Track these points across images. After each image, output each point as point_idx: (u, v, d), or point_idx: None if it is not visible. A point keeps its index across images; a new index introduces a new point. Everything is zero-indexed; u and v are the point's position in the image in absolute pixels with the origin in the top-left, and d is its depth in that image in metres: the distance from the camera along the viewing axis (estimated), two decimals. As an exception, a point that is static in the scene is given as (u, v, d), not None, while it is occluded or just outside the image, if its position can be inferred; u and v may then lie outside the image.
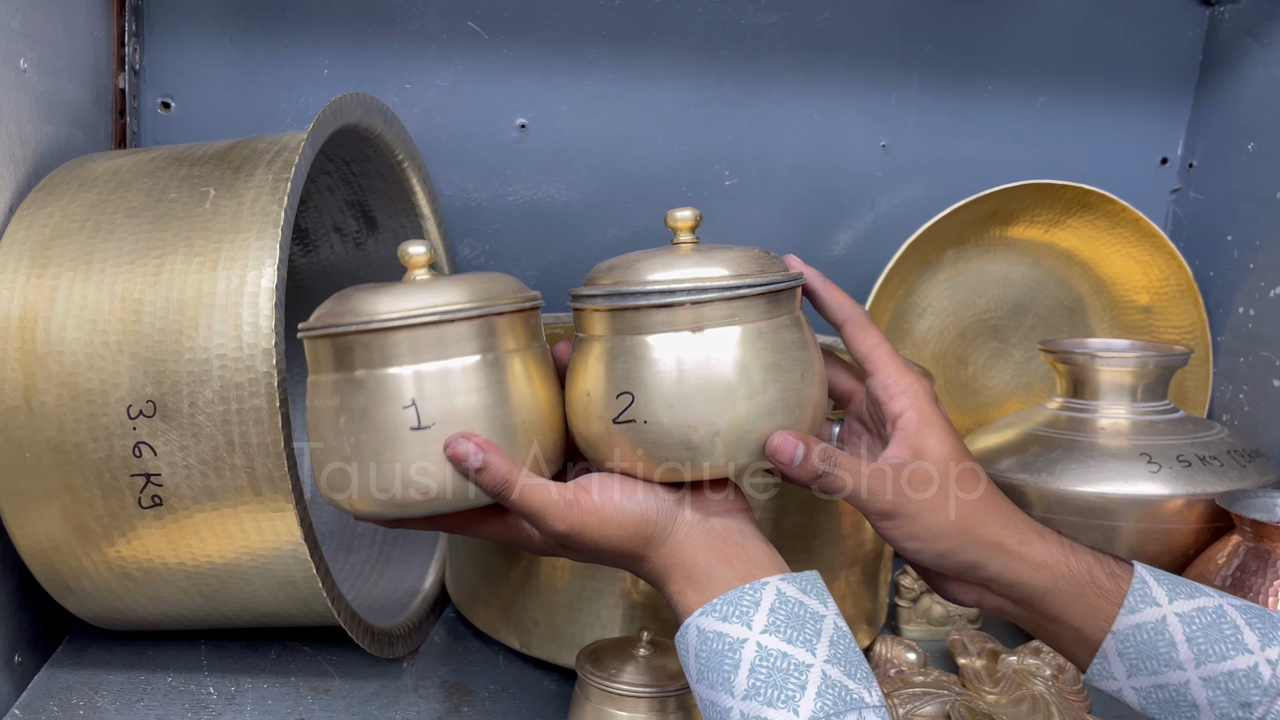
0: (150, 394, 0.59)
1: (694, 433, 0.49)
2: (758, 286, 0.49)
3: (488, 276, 0.53)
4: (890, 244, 0.99)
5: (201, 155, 0.67)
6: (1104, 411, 0.86)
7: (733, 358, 0.49)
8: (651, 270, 0.50)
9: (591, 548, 0.51)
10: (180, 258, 0.61)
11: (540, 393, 0.52)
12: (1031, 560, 0.52)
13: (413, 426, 0.49)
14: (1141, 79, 1.04)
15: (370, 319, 0.49)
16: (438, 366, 0.49)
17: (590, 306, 0.51)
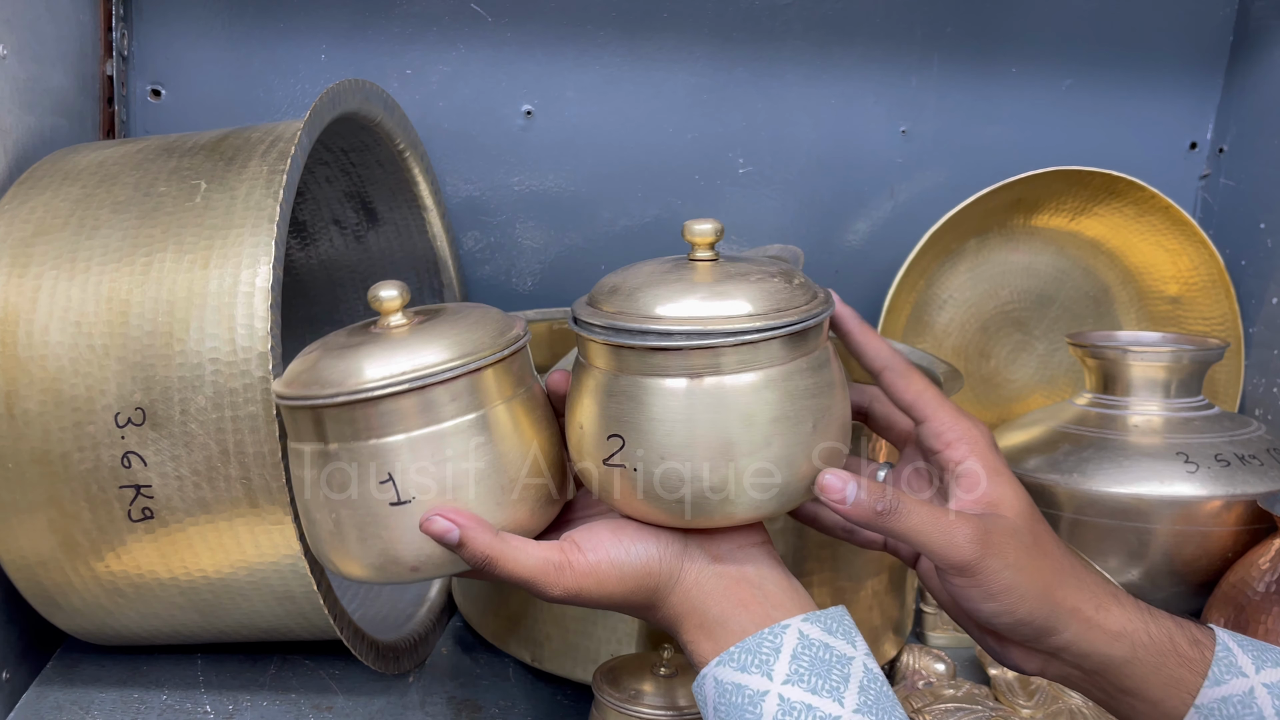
0: (139, 401, 0.56)
1: (691, 485, 0.44)
2: (773, 330, 0.43)
3: (468, 319, 0.48)
4: (910, 233, 0.96)
5: (192, 146, 0.63)
6: (1136, 408, 0.83)
7: (736, 411, 0.43)
8: (656, 302, 0.44)
9: (594, 604, 0.47)
10: (170, 255, 0.57)
11: (534, 440, 0.48)
12: (1109, 628, 0.47)
13: (392, 502, 0.45)
14: (1170, 61, 1.00)
15: (338, 390, 0.45)
16: (416, 436, 0.45)
17: (588, 336, 0.46)
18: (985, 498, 0.47)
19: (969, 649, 0.77)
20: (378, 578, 0.47)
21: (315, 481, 0.47)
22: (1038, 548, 0.47)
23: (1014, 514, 0.47)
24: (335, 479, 0.46)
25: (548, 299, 0.95)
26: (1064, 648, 0.47)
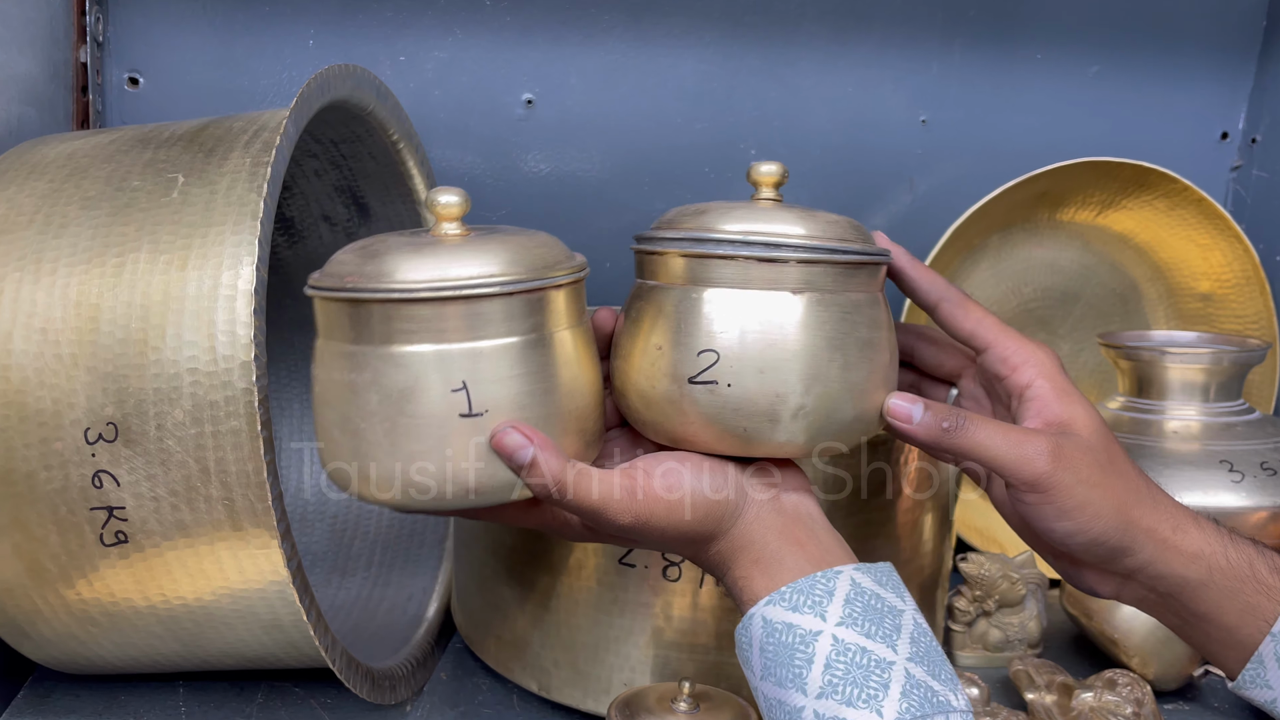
0: (111, 415, 0.51)
1: (781, 403, 0.45)
2: (865, 255, 0.46)
3: (535, 237, 0.47)
4: (930, 227, 0.91)
5: (169, 136, 0.58)
6: (1173, 413, 0.78)
7: (833, 328, 0.45)
8: (750, 220, 0.45)
9: (657, 535, 0.45)
10: (144, 255, 0.53)
11: (587, 375, 0.47)
12: (1186, 550, 0.46)
13: (463, 413, 0.43)
14: (1200, 47, 0.96)
15: (413, 285, 0.42)
16: (494, 345, 0.43)
17: (674, 250, 0.46)
18: (1057, 418, 0.47)
19: (999, 669, 0.72)
20: (419, 502, 0.44)
21: (364, 386, 0.43)
22: (1112, 466, 0.46)
23: (1087, 432, 0.46)
24: (395, 381, 0.43)
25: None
26: (1139, 569, 0.46)
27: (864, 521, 0.59)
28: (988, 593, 0.73)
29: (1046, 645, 0.75)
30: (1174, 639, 0.67)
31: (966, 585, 0.73)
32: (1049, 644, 0.76)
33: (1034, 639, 0.73)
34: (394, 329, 0.43)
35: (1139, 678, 0.66)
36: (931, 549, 0.65)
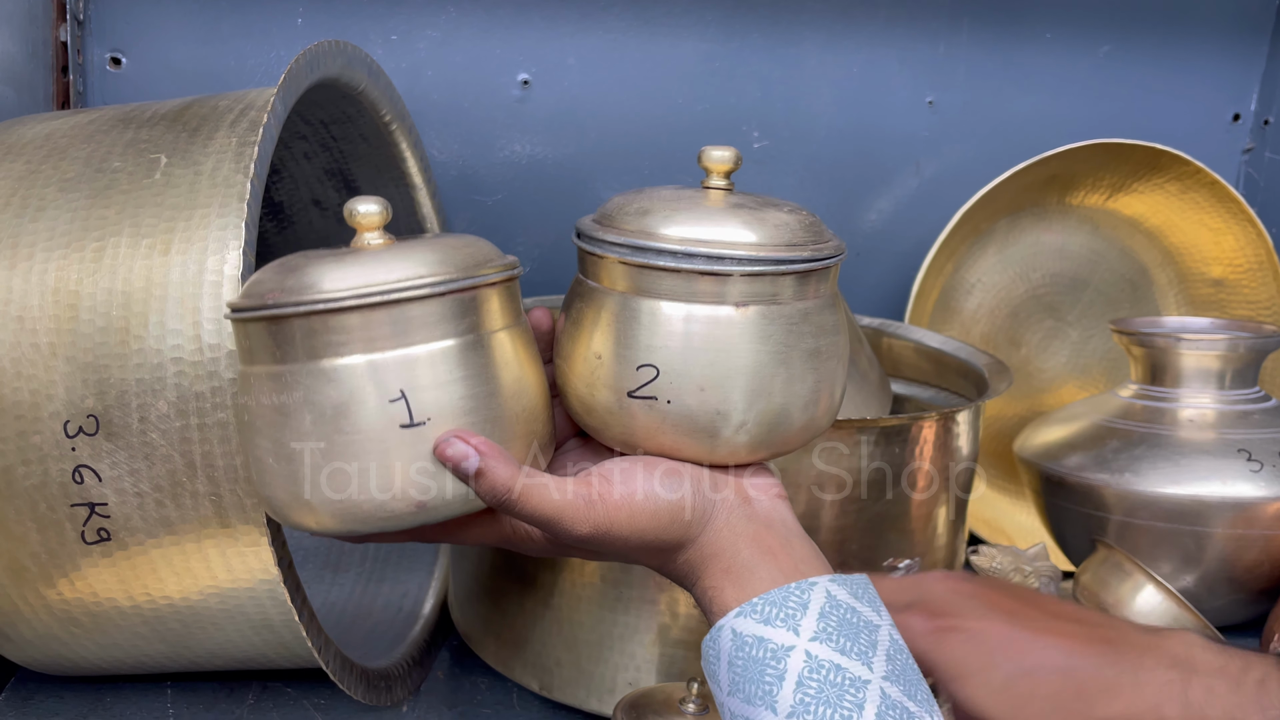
0: (91, 407, 0.49)
1: (722, 420, 0.43)
2: (813, 262, 0.43)
3: (462, 239, 0.44)
4: (936, 211, 0.89)
5: (151, 116, 0.56)
6: (1187, 400, 0.76)
7: (778, 342, 0.42)
8: (693, 225, 0.42)
9: (620, 545, 0.43)
10: (125, 239, 0.50)
11: (531, 376, 0.44)
12: None
13: (404, 424, 0.40)
14: (1212, 27, 0.94)
15: (339, 294, 0.39)
16: (429, 349, 0.41)
17: (613, 257, 0.43)
18: None
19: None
20: (367, 523, 0.41)
21: (294, 407, 0.41)
22: None
23: None
24: (329, 398, 0.40)
25: (546, 285, 0.88)
26: None
27: (877, 515, 0.57)
28: (999, 586, 0.71)
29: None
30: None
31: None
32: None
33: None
34: (321, 342, 0.40)
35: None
36: (945, 543, 0.63)
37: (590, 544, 0.43)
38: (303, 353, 0.40)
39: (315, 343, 0.40)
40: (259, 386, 0.42)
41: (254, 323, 0.41)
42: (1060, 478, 0.76)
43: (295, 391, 0.41)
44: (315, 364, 0.40)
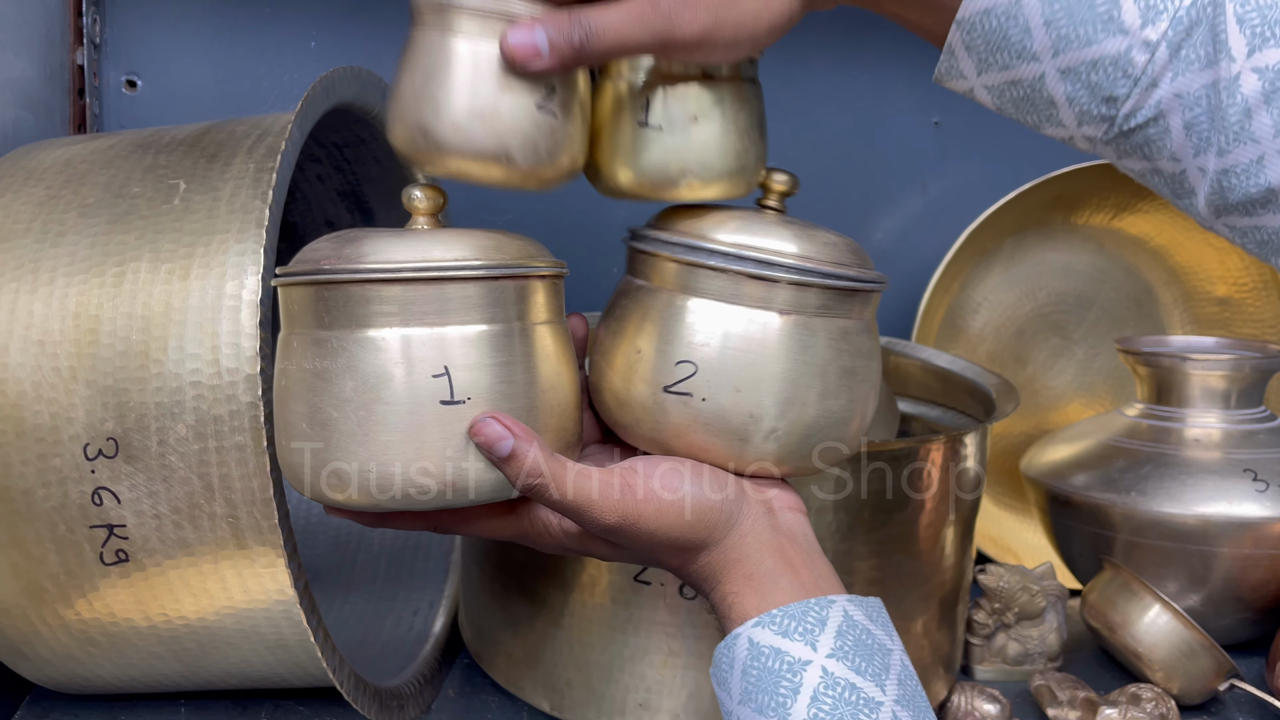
0: (111, 430, 0.50)
1: (753, 423, 0.44)
2: (859, 283, 0.44)
3: (513, 234, 0.45)
4: (942, 232, 0.90)
5: (170, 141, 0.57)
6: (1193, 420, 0.77)
7: (817, 354, 0.44)
8: (746, 233, 0.44)
9: (644, 541, 0.43)
10: (145, 264, 0.51)
11: (567, 373, 0.45)
12: None
13: (444, 400, 0.41)
14: None
15: (397, 265, 0.41)
16: (475, 330, 0.42)
17: (664, 254, 0.45)
18: None
19: (1019, 683, 0.71)
20: (394, 499, 0.41)
21: (336, 372, 0.41)
22: None
23: None
24: (372, 366, 0.41)
25: (556, 304, 0.89)
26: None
27: (886, 537, 0.58)
28: (1007, 605, 0.71)
29: (1067, 658, 0.73)
30: (1199, 652, 0.66)
31: (985, 598, 0.71)
32: (1069, 657, 0.74)
33: (1054, 652, 0.72)
34: (371, 311, 0.41)
35: (1163, 692, 0.65)
36: (953, 562, 0.63)
37: (615, 535, 0.43)
38: (351, 319, 0.41)
39: (365, 310, 0.41)
40: (300, 351, 0.42)
41: (303, 287, 0.42)
42: (1067, 497, 0.76)
43: (339, 358, 0.41)
44: (362, 332, 0.41)
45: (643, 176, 0.46)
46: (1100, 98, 0.40)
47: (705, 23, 0.41)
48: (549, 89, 0.43)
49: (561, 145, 0.44)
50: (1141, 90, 0.39)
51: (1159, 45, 0.39)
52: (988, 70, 0.42)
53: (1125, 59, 0.39)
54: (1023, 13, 0.40)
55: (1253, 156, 0.38)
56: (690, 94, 0.45)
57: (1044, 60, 0.40)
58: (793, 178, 0.48)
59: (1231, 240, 0.42)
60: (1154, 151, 0.41)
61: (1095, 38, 0.39)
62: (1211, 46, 0.39)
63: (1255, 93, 0.38)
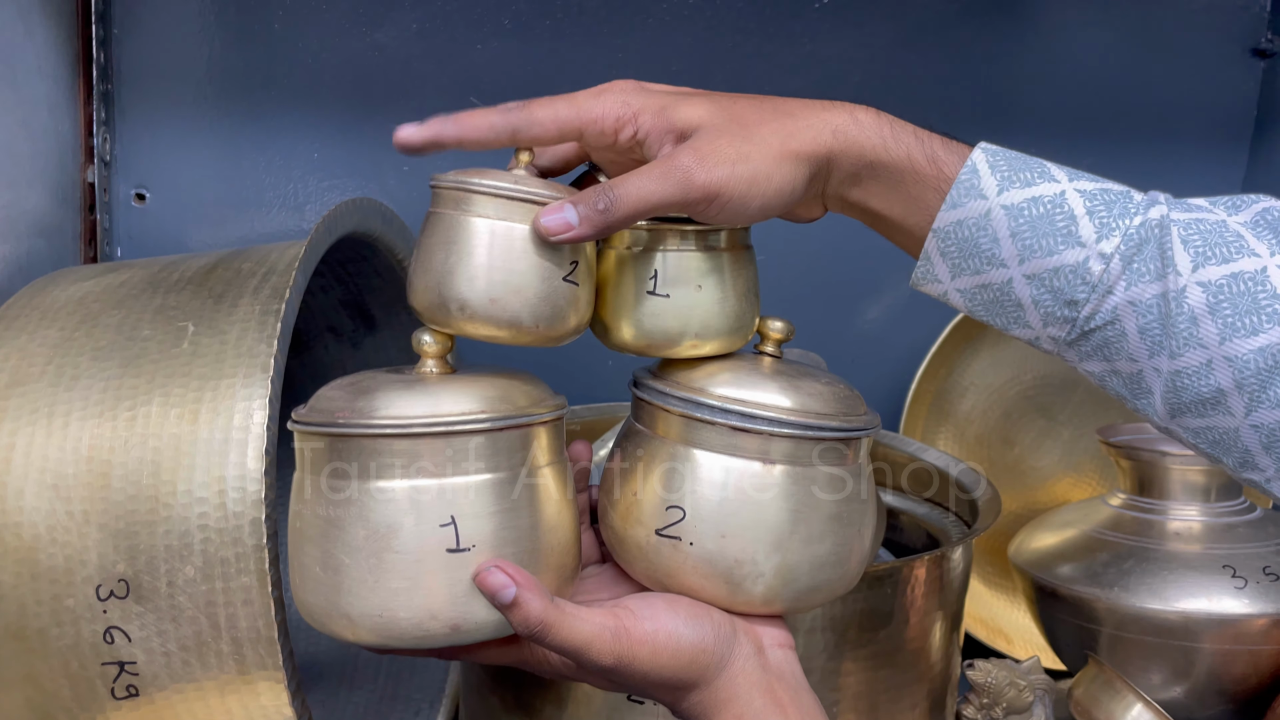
0: (122, 572, 0.52)
1: (738, 568, 0.46)
2: (842, 432, 0.46)
3: (517, 376, 0.48)
4: (928, 318, 0.92)
5: (179, 279, 0.59)
6: (1174, 513, 0.79)
7: (798, 501, 0.46)
8: (737, 387, 0.46)
9: (639, 679, 0.45)
10: (155, 408, 0.53)
11: (567, 512, 0.48)
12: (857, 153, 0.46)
13: (450, 548, 0.43)
14: (1192, 135, 0.97)
15: (407, 421, 0.43)
16: (480, 480, 0.44)
17: (659, 404, 0.47)
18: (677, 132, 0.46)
19: (1009, 778, 0.72)
20: (402, 640, 0.44)
21: (348, 521, 0.44)
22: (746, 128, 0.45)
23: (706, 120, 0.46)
24: (383, 516, 0.43)
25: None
26: (828, 194, 0.47)
27: (874, 653, 0.60)
28: (995, 700, 0.73)
29: (1054, 751, 0.75)
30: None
31: (973, 693, 0.73)
32: (1056, 750, 0.76)
33: (1041, 746, 0.73)
34: (382, 463, 0.44)
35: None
36: (941, 660, 0.65)
37: (611, 675, 0.45)
38: (363, 471, 0.44)
39: (376, 463, 0.44)
40: (314, 496, 0.45)
41: (320, 436, 0.45)
42: (1053, 589, 0.78)
43: (351, 507, 0.44)
44: (374, 483, 0.44)
45: (649, 338, 0.49)
46: (1062, 301, 0.43)
47: (720, 176, 0.44)
48: (573, 261, 0.47)
49: (577, 309, 0.48)
50: (1099, 296, 0.43)
51: (1113, 257, 0.42)
52: (960, 275, 0.45)
53: (1084, 268, 0.43)
54: (992, 224, 0.44)
55: (1202, 360, 0.42)
56: (693, 264, 0.48)
57: (1011, 267, 0.44)
58: (788, 325, 0.50)
59: (1186, 442, 0.45)
60: (1113, 352, 0.44)
61: (1056, 249, 0.43)
62: (1160, 262, 0.42)
63: (1200, 304, 0.42)
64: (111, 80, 0.78)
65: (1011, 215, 0.43)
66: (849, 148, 0.46)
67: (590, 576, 0.52)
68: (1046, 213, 0.43)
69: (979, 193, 0.44)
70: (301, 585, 0.46)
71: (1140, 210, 0.43)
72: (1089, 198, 0.44)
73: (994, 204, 0.44)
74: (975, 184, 0.44)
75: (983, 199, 0.44)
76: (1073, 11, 0.94)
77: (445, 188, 0.47)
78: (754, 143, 0.45)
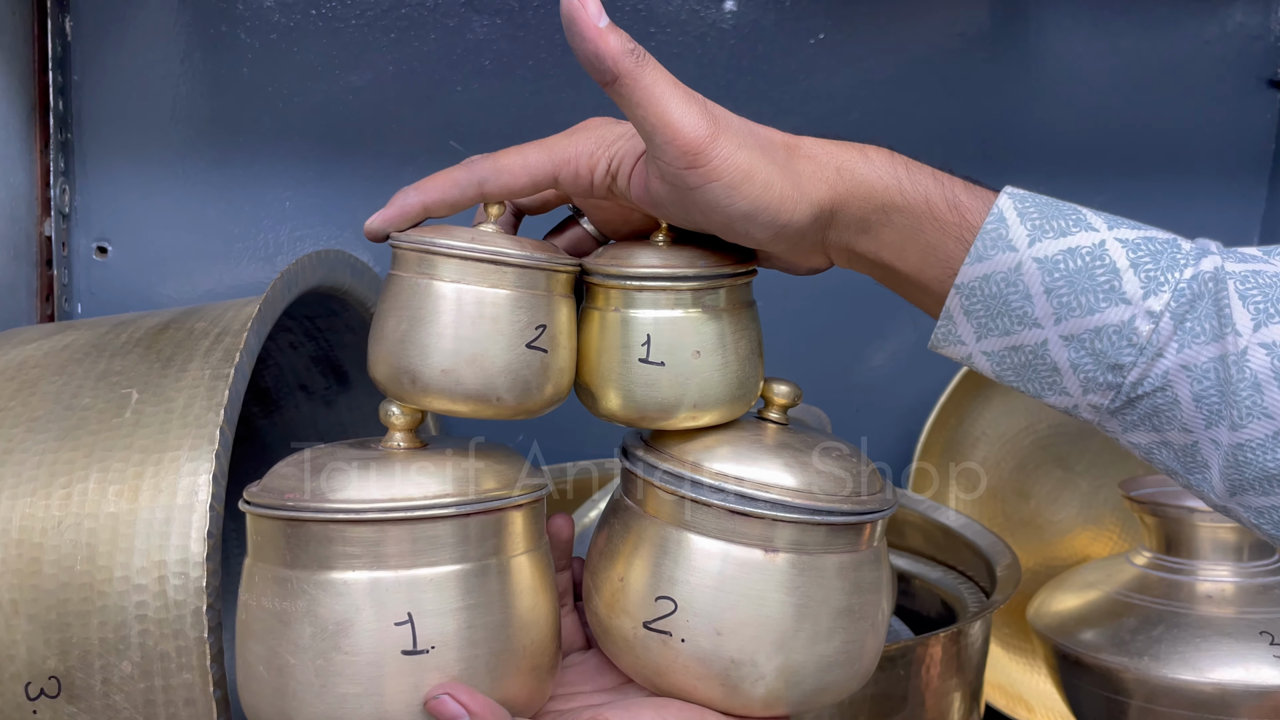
0: (54, 668, 0.47)
1: (735, 669, 0.41)
2: (855, 515, 0.41)
3: (490, 453, 0.44)
4: (935, 366, 0.88)
5: (126, 342, 0.55)
6: (1204, 573, 0.73)
7: (804, 595, 0.40)
8: (736, 462, 0.41)
9: None
10: (93, 485, 0.49)
11: (544, 605, 0.43)
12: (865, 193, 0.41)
13: (405, 650, 0.39)
14: (1208, 171, 0.93)
15: (361, 505, 0.39)
16: (443, 572, 0.40)
17: (649, 479, 0.42)
18: None
19: None
20: None
21: (295, 616, 0.40)
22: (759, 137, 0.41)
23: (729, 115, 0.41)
24: (332, 612, 0.39)
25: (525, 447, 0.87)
26: (830, 243, 0.42)
27: (883, 741, 0.55)
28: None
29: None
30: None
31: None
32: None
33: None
34: (334, 552, 0.39)
35: None
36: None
37: None
38: (313, 560, 0.40)
39: (327, 552, 0.39)
40: (263, 587, 0.41)
41: (267, 520, 0.41)
42: (1077, 657, 0.73)
43: (299, 600, 0.40)
44: (324, 574, 0.39)
45: (641, 410, 0.43)
46: (1106, 365, 0.39)
47: (716, 145, 0.39)
48: (539, 326, 0.42)
49: (549, 378, 0.43)
50: (1148, 359, 0.38)
51: (1163, 315, 0.38)
52: (987, 336, 0.40)
53: (1129, 328, 0.38)
54: (1023, 279, 0.39)
55: (1268, 432, 0.37)
56: (690, 328, 0.42)
57: (1046, 327, 0.39)
58: (794, 389, 0.45)
59: (1248, 522, 0.40)
60: (1163, 422, 0.39)
61: (1097, 306, 0.38)
62: (1216, 320, 0.37)
63: (1264, 368, 0.37)
64: (71, 129, 0.74)
65: (1045, 269, 0.39)
66: (857, 189, 0.41)
67: (573, 665, 0.47)
68: (1085, 266, 0.38)
69: (1008, 244, 0.39)
70: (246, 687, 0.42)
71: (1191, 261, 0.38)
72: (1132, 248, 0.39)
73: (1025, 256, 0.39)
74: (1003, 234, 0.39)
75: (1012, 251, 0.39)
76: (1079, 43, 0.90)
77: (404, 248, 0.43)
78: (758, 152, 0.40)
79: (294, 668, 0.39)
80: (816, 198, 0.41)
